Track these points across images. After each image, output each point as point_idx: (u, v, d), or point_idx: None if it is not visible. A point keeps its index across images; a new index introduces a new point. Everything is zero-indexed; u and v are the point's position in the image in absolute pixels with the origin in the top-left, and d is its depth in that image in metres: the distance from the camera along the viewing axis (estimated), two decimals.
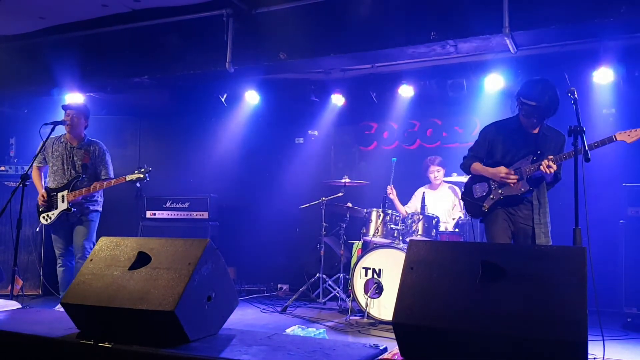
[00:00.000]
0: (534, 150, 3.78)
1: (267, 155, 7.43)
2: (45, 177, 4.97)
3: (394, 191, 5.83)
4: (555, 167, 3.58)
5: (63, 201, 4.74)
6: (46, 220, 4.82)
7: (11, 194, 4.45)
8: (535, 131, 3.82)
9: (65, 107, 4.94)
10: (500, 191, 3.82)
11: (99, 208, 5.00)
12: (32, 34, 6.15)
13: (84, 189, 4.74)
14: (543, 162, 3.59)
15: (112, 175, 4.93)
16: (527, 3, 4.38)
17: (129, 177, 4.68)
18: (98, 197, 5.00)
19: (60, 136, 5.01)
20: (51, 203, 4.82)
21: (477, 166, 3.96)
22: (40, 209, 4.88)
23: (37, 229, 4.96)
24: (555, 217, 4.04)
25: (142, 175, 4.64)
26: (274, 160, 7.39)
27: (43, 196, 4.83)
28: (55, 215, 4.77)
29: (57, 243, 4.91)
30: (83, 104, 5.04)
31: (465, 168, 4.07)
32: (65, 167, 4.89)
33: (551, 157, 3.60)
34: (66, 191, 4.77)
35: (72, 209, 4.70)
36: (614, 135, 3.66)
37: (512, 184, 3.76)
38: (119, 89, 6.44)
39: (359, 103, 6.87)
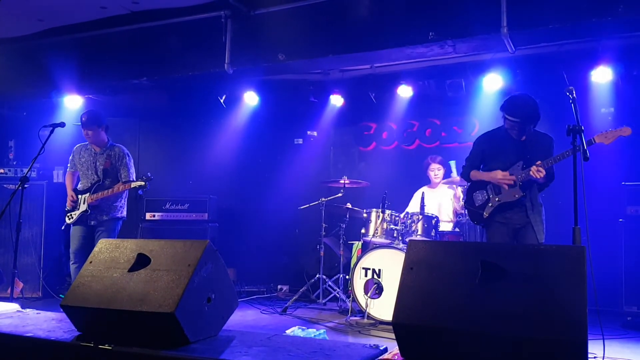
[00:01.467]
0: (523, 157, 4.00)
1: (267, 156, 7.43)
2: (77, 182, 5.26)
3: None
4: (544, 171, 3.80)
5: (84, 203, 5.03)
6: (69, 219, 5.09)
7: (10, 196, 4.45)
8: (523, 138, 4.03)
9: (82, 126, 5.13)
10: (497, 198, 4.04)
11: (119, 214, 5.15)
12: (31, 36, 6.15)
13: (100, 192, 4.98)
14: (532, 168, 3.82)
15: (132, 178, 5.08)
16: (525, 3, 4.39)
17: (134, 184, 4.92)
18: (119, 203, 5.14)
19: (87, 143, 5.25)
20: (76, 204, 5.10)
21: (475, 173, 4.22)
22: (67, 208, 5.14)
23: (63, 227, 5.21)
24: (555, 217, 4.06)
25: (143, 183, 4.86)
26: (273, 161, 7.39)
27: (72, 197, 5.12)
28: (77, 215, 5.02)
29: (73, 240, 5.05)
30: (96, 113, 5.19)
31: (465, 176, 4.31)
32: (90, 172, 5.14)
33: (539, 162, 3.82)
34: (88, 194, 5.05)
35: (89, 210, 4.99)
36: (593, 138, 3.81)
37: (506, 188, 3.98)
38: (118, 91, 6.44)
39: (358, 103, 6.87)
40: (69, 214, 5.08)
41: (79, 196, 5.07)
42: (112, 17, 5.67)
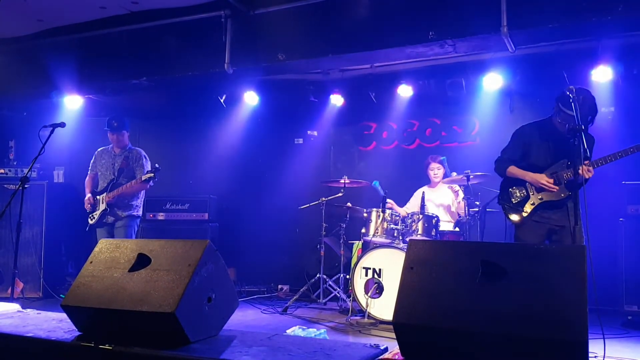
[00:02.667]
0: (568, 154, 3.75)
1: (267, 156, 7.43)
2: (96, 185, 5.52)
3: (393, 202, 5.81)
4: (593, 171, 3.61)
5: (103, 202, 5.25)
6: (91, 219, 5.31)
7: (11, 196, 4.45)
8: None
9: (112, 130, 5.43)
10: (539, 196, 3.84)
11: (135, 213, 5.37)
12: (30, 37, 6.15)
13: (116, 190, 5.20)
14: (582, 167, 3.55)
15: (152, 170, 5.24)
16: (525, 2, 4.39)
17: (144, 177, 5.12)
18: (135, 202, 5.35)
19: (108, 146, 5.54)
20: (95, 204, 5.35)
21: (515, 170, 3.95)
22: (88, 210, 5.37)
23: (87, 229, 5.40)
24: None
25: (152, 175, 5.08)
26: (273, 161, 7.39)
27: (89, 199, 5.36)
28: (98, 215, 5.29)
29: (98, 240, 5.11)
30: (124, 119, 5.51)
31: (501, 171, 4.05)
32: (108, 172, 5.41)
33: (587, 161, 3.59)
34: (105, 193, 5.26)
35: (108, 209, 5.24)
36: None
37: (551, 191, 3.77)
38: (118, 91, 6.44)
39: (358, 103, 6.87)
40: (90, 215, 5.32)
41: (98, 197, 5.30)
42: (112, 17, 5.67)
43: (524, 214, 3.86)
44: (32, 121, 7.04)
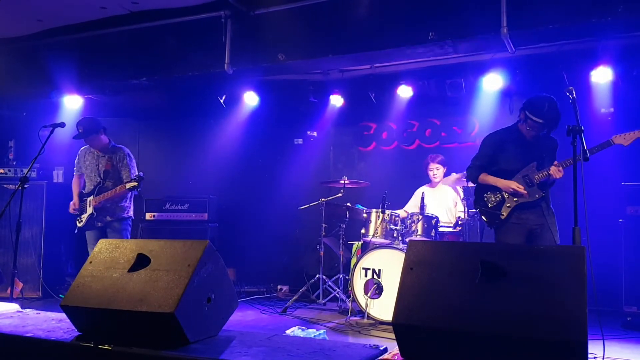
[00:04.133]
0: (537, 157, 3.99)
1: (266, 156, 7.43)
2: (84, 186, 5.34)
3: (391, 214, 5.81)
4: (563, 171, 3.80)
5: (90, 206, 5.08)
6: (79, 222, 5.16)
7: (10, 196, 4.45)
8: (533, 139, 4.03)
9: (81, 137, 5.14)
10: (515, 199, 3.99)
11: (126, 214, 5.19)
12: (30, 37, 6.15)
13: (102, 195, 5.03)
14: (552, 168, 3.82)
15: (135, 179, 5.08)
16: (524, 3, 4.39)
17: (128, 186, 4.92)
18: (125, 203, 5.18)
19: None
20: (83, 207, 5.16)
21: (486, 177, 4.13)
22: (76, 213, 5.20)
23: (76, 231, 5.26)
24: (554, 217, 4.05)
25: (136, 184, 4.86)
26: (273, 161, 7.39)
27: (74, 204, 5.20)
28: (85, 218, 5.11)
29: (89, 244, 5.12)
30: (90, 121, 5.17)
31: (472, 178, 4.25)
32: (93, 174, 5.20)
33: (556, 162, 3.84)
34: (92, 196, 5.09)
35: (95, 213, 5.05)
36: (611, 139, 3.82)
37: (525, 195, 3.93)
38: (118, 91, 6.44)
39: (358, 104, 6.87)
40: (78, 218, 5.17)
41: (85, 199, 5.13)
42: (112, 17, 5.67)
43: (502, 217, 4.01)
44: (31, 121, 7.04)
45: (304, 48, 5.23)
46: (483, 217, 4.22)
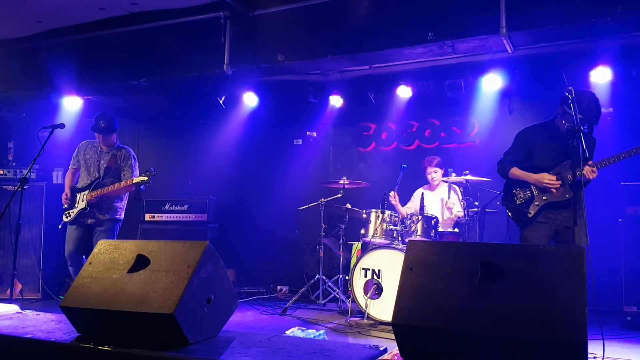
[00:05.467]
0: (571, 155, 3.72)
1: (266, 157, 7.44)
2: (77, 181, 5.21)
3: (397, 197, 5.80)
4: (597, 172, 3.65)
5: (83, 200, 4.95)
6: (67, 217, 5.02)
7: (10, 197, 4.45)
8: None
9: (99, 132, 5.11)
10: (544, 197, 3.87)
11: (118, 216, 5.09)
12: (29, 38, 6.15)
13: (100, 189, 4.91)
14: (586, 168, 3.62)
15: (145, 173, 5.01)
16: (524, 3, 4.39)
17: (136, 180, 4.84)
18: (119, 204, 5.09)
19: (94, 141, 5.21)
20: (74, 202, 5.01)
21: (517, 171, 3.99)
22: (64, 207, 5.06)
23: (60, 226, 5.14)
24: None
25: (146, 178, 4.80)
26: (272, 162, 7.39)
27: (66, 195, 5.04)
28: (74, 213, 4.97)
29: (68, 241, 4.97)
30: (113, 120, 5.14)
31: (503, 173, 4.09)
32: (92, 169, 5.10)
33: (591, 162, 3.66)
34: (87, 191, 4.97)
35: (88, 208, 4.90)
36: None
37: (554, 192, 3.81)
38: (117, 92, 6.43)
39: (357, 104, 6.87)
40: (66, 212, 5.03)
41: (78, 194, 5.02)
42: (111, 19, 5.67)
43: (529, 215, 3.89)
44: (31, 122, 7.04)
45: (303, 49, 5.23)
46: (509, 213, 4.08)
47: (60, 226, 5.13)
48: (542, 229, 3.88)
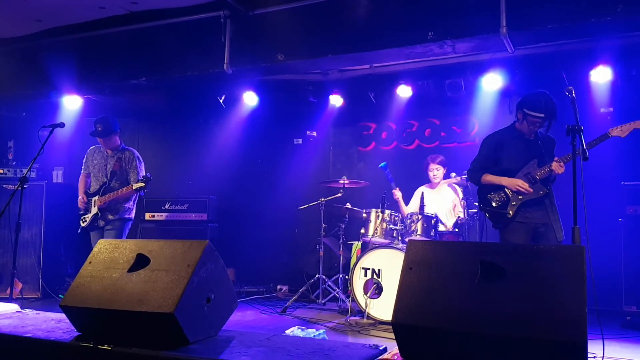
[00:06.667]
0: (537, 154, 4.03)
1: (266, 157, 7.43)
2: (89, 184, 5.30)
3: (400, 194, 5.82)
4: (564, 167, 3.83)
5: (94, 206, 5.06)
6: (83, 222, 5.13)
7: (10, 196, 4.45)
8: (532, 137, 4.08)
9: (98, 136, 5.14)
10: (519, 197, 4.01)
11: (127, 215, 5.16)
12: (29, 37, 6.15)
13: (108, 195, 5.00)
14: (553, 164, 3.86)
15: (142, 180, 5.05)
16: (524, 3, 4.39)
17: (134, 186, 4.91)
18: (128, 204, 5.15)
19: (100, 146, 5.27)
20: (88, 207, 5.15)
21: (489, 177, 4.14)
22: (80, 212, 5.18)
23: (79, 231, 5.23)
24: None
25: (143, 185, 4.85)
26: (272, 161, 7.39)
27: (83, 199, 5.17)
28: (89, 218, 5.09)
29: (93, 244, 5.08)
30: (110, 122, 5.15)
31: (475, 180, 4.25)
32: (100, 174, 5.19)
33: (556, 158, 3.89)
34: (97, 196, 5.07)
35: (99, 213, 5.03)
36: (608, 132, 3.85)
37: (528, 193, 3.96)
38: (117, 91, 6.44)
39: (357, 103, 6.87)
40: (82, 217, 5.15)
41: (90, 199, 5.12)
42: (111, 18, 5.67)
43: (509, 216, 4.02)
44: (31, 121, 7.05)
45: (303, 48, 5.23)
46: (488, 218, 4.21)
47: (79, 231, 5.21)
48: (521, 229, 4.00)
